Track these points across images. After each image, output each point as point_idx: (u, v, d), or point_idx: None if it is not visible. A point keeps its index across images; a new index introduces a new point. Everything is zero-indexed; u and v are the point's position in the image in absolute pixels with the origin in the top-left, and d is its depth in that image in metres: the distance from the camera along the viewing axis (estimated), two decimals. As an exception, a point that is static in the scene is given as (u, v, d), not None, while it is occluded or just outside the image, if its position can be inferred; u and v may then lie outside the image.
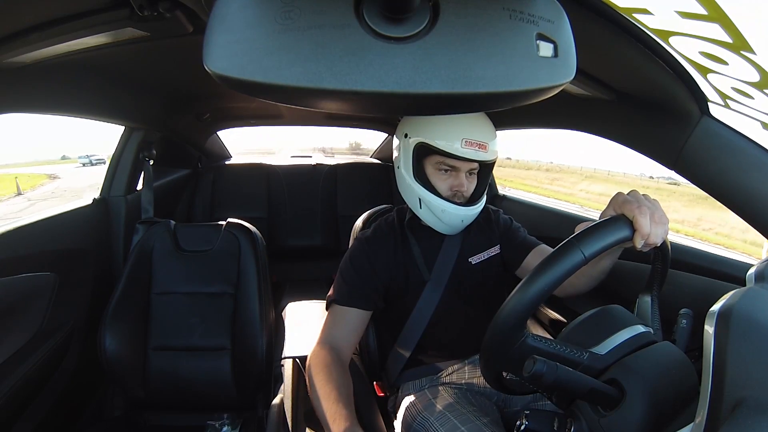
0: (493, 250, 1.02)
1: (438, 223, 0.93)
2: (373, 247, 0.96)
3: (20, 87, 0.84)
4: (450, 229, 0.95)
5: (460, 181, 0.91)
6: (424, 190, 0.90)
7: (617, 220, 0.56)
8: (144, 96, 1.30)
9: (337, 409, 0.70)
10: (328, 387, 0.75)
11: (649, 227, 0.55)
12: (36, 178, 9.19)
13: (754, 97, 0.53)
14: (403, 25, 0.32)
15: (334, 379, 0.77)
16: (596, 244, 0.51)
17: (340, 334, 0.89)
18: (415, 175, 0.91)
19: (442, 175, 0.91)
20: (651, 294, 0.65)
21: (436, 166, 0.91)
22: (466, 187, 0.92)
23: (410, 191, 0.93)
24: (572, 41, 0.35)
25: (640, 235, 0.55)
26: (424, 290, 0.96)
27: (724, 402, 0.39)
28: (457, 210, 0.91)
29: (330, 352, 0.84)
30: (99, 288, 1.30)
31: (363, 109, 0.36)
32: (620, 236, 0.54)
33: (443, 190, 0.91)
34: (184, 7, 0.65)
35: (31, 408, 1.05)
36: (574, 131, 1.06)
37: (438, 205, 0.90)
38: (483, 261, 1.00)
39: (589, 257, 0.50)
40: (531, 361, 0.48)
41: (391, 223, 1.01)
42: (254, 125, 2.38)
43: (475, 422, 0.77)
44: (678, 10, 0.42)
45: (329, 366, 0.80)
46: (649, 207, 0.57)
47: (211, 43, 0.31)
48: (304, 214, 2.29)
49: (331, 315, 0.92)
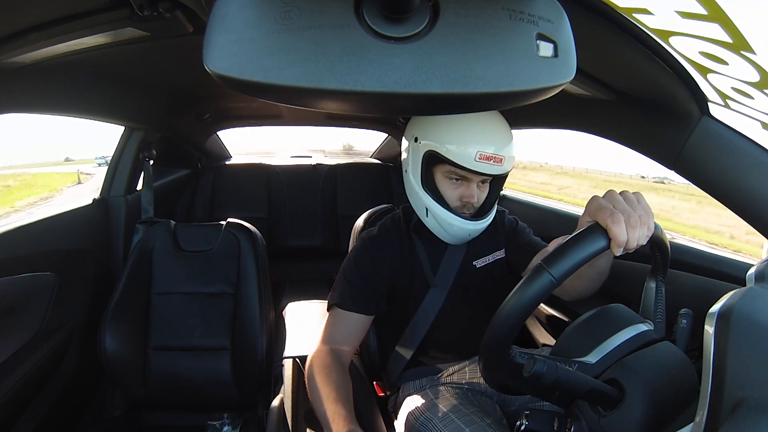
0: (498, 254, 1.01)
1: (443, 234, 0.91)
2: (378, 246, 0.94)
3: (20, 87, 0.84)
4: (456, 240, 0.93)
5: (471, 192, 0.87)
6: (432, 201, 0.87)
7: (591, 232, 0.51)
8: (144, 96, 1.30)
9: (336, 409, 0.71)
10: (327, 388, 0.75)
11: (624, 234, 0.50)
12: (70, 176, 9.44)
13: (754, 97, 0.53)
14: (403, 25, 0.32)
15: (334, 380, 0.77)
16: (566, 263, 0.48)
17: (341, 336, 0.88)
18: (423, 183, 0.88)
19: (452, 183, 0.87)
20: (656, 280, 0.64)
21: (446, 174, 0.87)
22: (476, 198, 0.88)
23: (417, 198, 0.90)
24: (572, 41, 0.35)
25: (616, 243, 0.50)
26: (428, 293, 0.95)
27: (724, 402, 0.39)
28: (464, 224, 0.88)
29: (330, 354, 0.83)
30: (99, 288, 1.29)
31: (363, 109, 0.36)
32: (594, 249, 0.50)
33: (452, 199, 0.88)
34: (184, 7, 0.65)
35: (31, 408, 1.05)
36: (572, 131, 1.06)
37: (445, 218, 0.87)
38: (487, 264, 0.99)
39: (560, 279, 0.48)
40: (531, 361, 0.48)
41: (397, 221, 0.99)
42: (254, 125, 2.38)
43: (479, 423, 0.77)
44: (678, 10, 0.42)
45: (329, 367, 0.80)
46: (624, 211, 0.52)
47: (211, 43, 0.31)
48: (304, 214, 2.29)
49: (332, 317, 0.91)
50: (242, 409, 1.24)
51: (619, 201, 0.55)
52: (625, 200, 0.55)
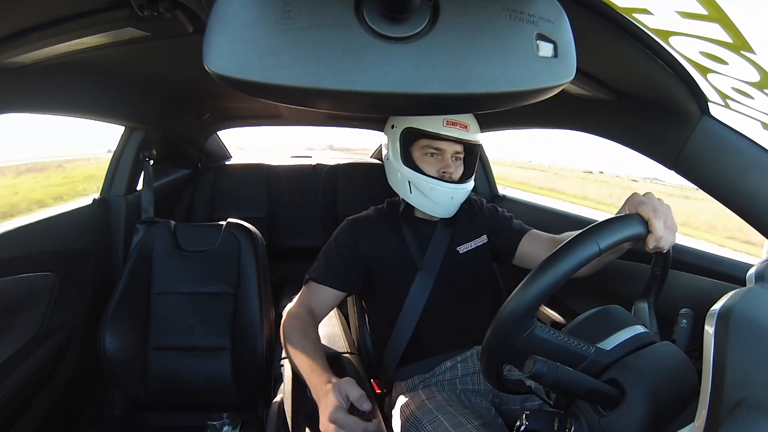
0: (479, 240, 1.05)
1: (429, 204, 0.96)
2: (361, 228, 1.01)
3: (20, 87, 0.84)
4: (442, 209, 0.97)
5: (446, 162, 0.95)
6: (413, 172, 0.95)
7: (633, 218, 0.57)
8: (144, 96, 1.30)
9: (311, 362, 0.78)
10: (303, 342, 0.83)
11: (663, 231, 0.57)
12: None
13: (754, 97, 0.53)
14: (403, 25, 0.32)
15: (309, 336, 0.85)
16: (612, 237, 0.53)
17: (314, 303, 0.95)
18: (403, 160, 0.96)
19: (429, 158, 0.96)
20: (648, 301, 0.65)
21: (422, 150, 0.96)
22: (453, 169, 0.96)
23: (400, 177, 0.97)
24: (572, 41, 0.35)
25: (654, 237, 0.57)
26: (415, 278, 0.98)
27: (724, 402, 0.39)
28: (446, 186, 0.94)
29: (306, 316, 0.91)
30: (99, 288, 1.29)
31: (363, 109, 0.36)
32: (635, 233, 0.56)
33: (431, 173, 0.95)
34: (184, 7, 0.65)
35: (31, 408, 1.05)
36: (573, 131, 1.06)
37: (427, 183, 0.94)
38: (470, 251, 1.02)
39: (604, 249, 0.52)
40: (531, 361, 0.48)
41: (380, 210, 1.06)
42: (254, 125, 2.38)
43: (467, 426, 0.76)
44: (678, 10, 0.42)
45: (305, 327, 0.88)
46: (664, 212, 0.59)
47: (211, 43, 0.31)
48: (304, 214, 2.28)
49: (307, 289, 0.97)
50: (242, 409, 1.24)
51: (659, 203, 0.61)
52: (661, 205, 0.61)
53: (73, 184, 2.66)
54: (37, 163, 2.87)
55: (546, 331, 0.54)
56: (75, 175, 2.44)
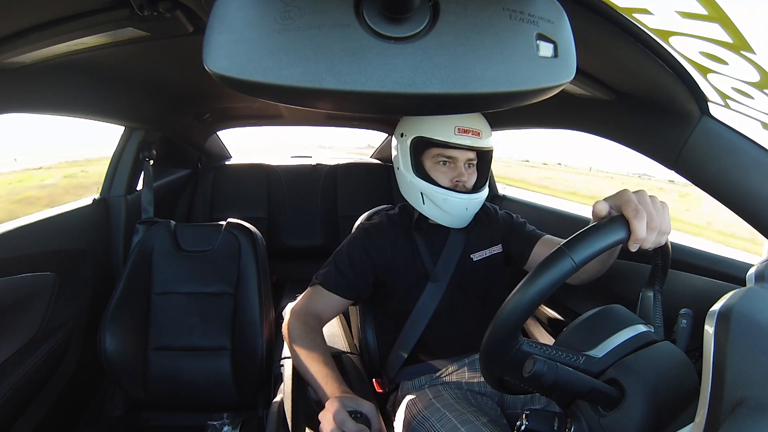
0: (494, 249, 1.03)
1: (443, 215, 0.94)
2: (375, 235, 0.98)
3: (20, 87, 0.84)
4: (456, 220, 0.95)
5: (459, 171, 0.92)
6: (425, 183, 0.92)
7: (613, 222, 0.53)
8: (144, 96, 1.30)
9: (328, 371, 0.77)
10: (313, 349, 0.81)
11: (643, 232, 0.53)
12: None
13: (754, 97, 0.53)
14: (403, 25, 0.32)
15: (319, 344, 0.83)
16: (587, 250, 0.50)
17: (320, 307, 0.93)
18: (414, 170, 0.93)
19: (441, 167, 0.93)
20: (654, 289, 0.65)
21: (434, 159, 0.92)
22: (466, 178, 0.92)
23: (412, 188, 0.94)
24: (572, 41, 0.35)
25: (634, 239, 0.53)
26: (427, 286, 0.97)
27: (724, 402, 0.39)
28: (460, 197, 0.92)
29: (312, 320, 0.89)
30: (99, 288, 1.29)
31: (363, 109, 0.36)
32: (614, 239, 0.52)
33: (444, 182, 0.92)
34: (184, 7, 0.65)
35: (31, 408, 1.05)
36: (573, 131, 1.06)
37: (440, 194, 0.91)
38: (484, 258, 1.01)
39: (580, 264, 0.49)
40: (531, 361, 0.48)
41: (392, 216, 1.03)
42: (254, 125, 2.38)
43: (475, 422, 0.77)
44: (678, 10, 0.42)
45: (313, 332, 0.86)
46: (649, 212, 0.55)
47: (211, 43, 0.31)
48: (304, 214, 2.28)
49: (313, 291, 0.95)
50: (242, 409, 1.24)
51: (647, 202, 0.57)
52: (652, 204, 0.57)
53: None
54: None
55: (532, 346, 0.53)
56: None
